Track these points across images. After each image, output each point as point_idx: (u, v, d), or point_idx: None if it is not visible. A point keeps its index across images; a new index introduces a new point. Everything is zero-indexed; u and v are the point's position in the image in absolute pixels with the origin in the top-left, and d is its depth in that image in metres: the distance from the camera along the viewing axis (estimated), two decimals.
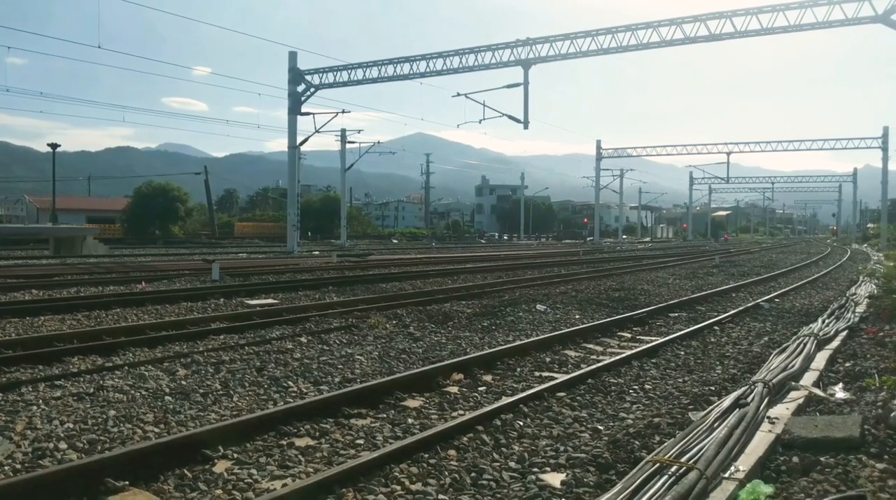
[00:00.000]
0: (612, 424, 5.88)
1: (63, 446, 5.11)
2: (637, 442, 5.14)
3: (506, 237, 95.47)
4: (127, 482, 4.37)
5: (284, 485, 4.40)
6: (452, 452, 5.10)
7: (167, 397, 6.51)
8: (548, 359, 8.71)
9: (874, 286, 15.69)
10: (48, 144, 53.49)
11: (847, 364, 7.53)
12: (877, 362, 7.42)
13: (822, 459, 4.35)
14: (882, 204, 62.62)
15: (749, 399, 5.23)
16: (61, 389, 6.78)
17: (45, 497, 4.09)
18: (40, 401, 6.29)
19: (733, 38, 28.19)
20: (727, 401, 5.23)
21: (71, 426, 5.59)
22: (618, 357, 8.55)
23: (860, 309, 11.85)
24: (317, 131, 37.60)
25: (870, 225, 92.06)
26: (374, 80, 34.78)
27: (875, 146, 57.41)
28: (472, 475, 4.66)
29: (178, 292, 14.76)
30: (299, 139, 37.04)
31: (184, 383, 7.11)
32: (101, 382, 7.05)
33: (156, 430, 5.56)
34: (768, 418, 5.07)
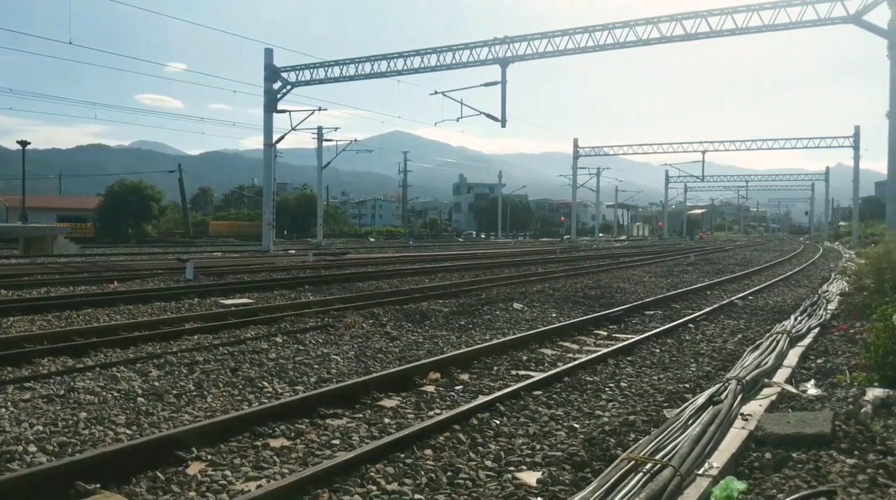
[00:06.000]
0: (587, 422, 5.90)
1: (32, 448, 5.02)
2: (612, 440, 5.17)
3: (483, 236, 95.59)
4: (98, 485, 4.31)
5: (259, 486, 4.36)
6: (429, 451, 5.09)
7: (140, 399, 6.42)
8: (524, 357, 8.73)
9: (846, 284, 15.91)
10: (18, 142, 52.40)
11: (819, 361, 7.62)
12: (848, 359, 7.52)
13: (794, 455, 4.40)
14: (853, 202, 63.79)
15: (723, 396, 5.28)
16: (31, 391, 6.66)
17: None
18: (9, 403, 6.17)
19: (709, 38, 28.60)
20: (701, 398, 5.27)
21: (41, 428, 5.49)
22: (594, 355, 8.59)
23: (832, 306, 12.00)
24: (293, 129, 37.43)
25: (842, 223, 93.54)
26: (351, 78, 34.67)
27: (847, 145, 58.57)
28: (449, 474, 4.65)
29: (151, 291, 14.57)
30: (275, 137, 36.83)
31: (157, 384, 7.01)
32: (72, 383, 6.94)
33: (128, 432, 5.48)
34: (741, 415, 5.12)
